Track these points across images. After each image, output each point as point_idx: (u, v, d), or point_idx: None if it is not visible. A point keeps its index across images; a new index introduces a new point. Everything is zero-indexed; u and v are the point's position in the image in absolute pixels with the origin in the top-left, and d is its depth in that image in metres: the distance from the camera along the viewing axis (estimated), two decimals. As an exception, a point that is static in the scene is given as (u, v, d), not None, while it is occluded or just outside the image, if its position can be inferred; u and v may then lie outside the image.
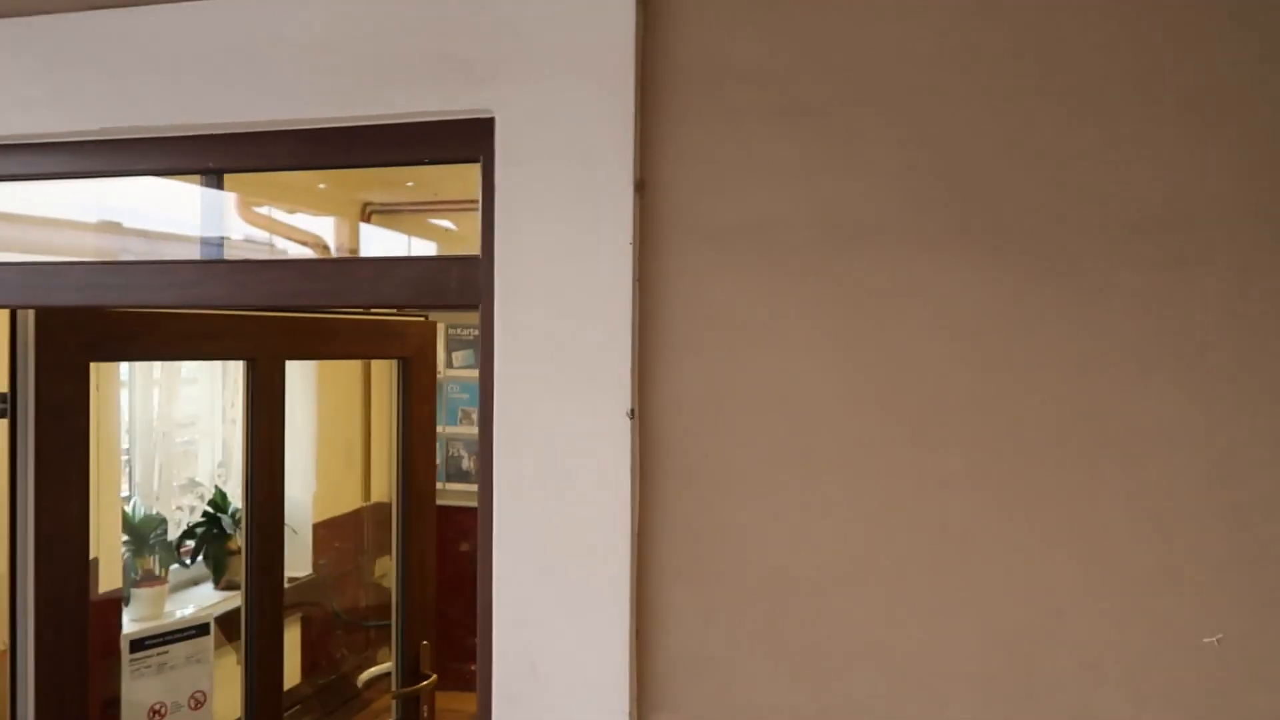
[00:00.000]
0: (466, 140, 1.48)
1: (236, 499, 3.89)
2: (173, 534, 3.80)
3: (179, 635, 2.37)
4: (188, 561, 3.84)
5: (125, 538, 3.48)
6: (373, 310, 2.62)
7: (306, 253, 3.94)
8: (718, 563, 1.38)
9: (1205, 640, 1.25)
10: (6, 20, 1.61)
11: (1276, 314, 1.22)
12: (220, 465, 4.20)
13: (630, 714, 1.37)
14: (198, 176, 2.37)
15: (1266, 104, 1.22)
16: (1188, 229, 1.24)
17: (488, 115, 1.44)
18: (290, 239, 3.82)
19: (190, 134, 1.60)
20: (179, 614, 3.47)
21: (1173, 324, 1.25)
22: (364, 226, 4.35)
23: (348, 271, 1.59)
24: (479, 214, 1.49)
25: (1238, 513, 1.24)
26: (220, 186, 1.78)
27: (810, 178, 1.35)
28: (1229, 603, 1.24)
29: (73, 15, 1.59)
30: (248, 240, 3.37)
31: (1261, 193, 1.22)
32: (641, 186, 1.40)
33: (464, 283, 1.52)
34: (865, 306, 1.34)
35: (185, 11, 1.55)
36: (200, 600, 3.73)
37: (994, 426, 1.30)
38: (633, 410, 1.38)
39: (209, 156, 1.61)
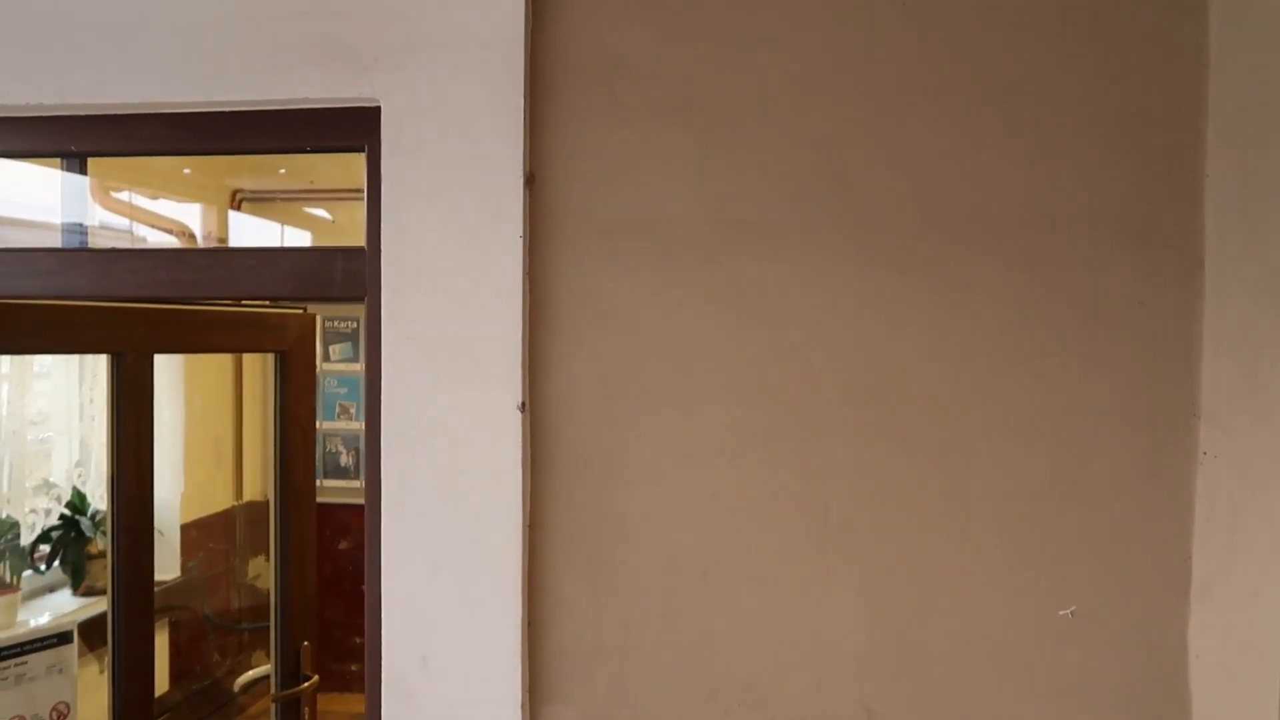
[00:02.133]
0: (351, 129, 1.45)
1: (96, 500, 3.69)
2: (26, 538, 3.56)
3: (38, 645, 2.23)
4: (42, 567, 3.61)
5: (-30, 544, 3.25)
6: (244, 302, 2.52)
7: (171, 241, 3.75)
8: (610, 553, 1.40)
9: (1061, 613, 1.34)
10: None
11: (1122, 310, 1.33)
12: (78, 465, 3.96)
13: (523, 705, 1.38)
14: (56, 159, 2.24)
15: (1122, 118, 1.32)
16: (1046, 230, 1.33)
17: (373, 104, 1.42)
18: (154, 226, 3.64)
19: (51, 114, 1.51)
20: (32, 623, 3.26)
21: (1031, 319, 1.34)
22: (233, 214, 4.18)
23: (226, 262, 1.53)
24: (364, 204, 1.46)
25: (1089, 495, 1.34)
26: (83, 171, 1.68)
27: (699, 175, 1.39)
28: (1082, 578, 1.34)
29: (-84, -17, 1.48)
30: (104, 227, 3.18)
31: (1114, 199, 1.32)
32: (532, 180, 1.40)
33: (350, 274, 1.49)
34: (752, 300, 1.38)
35: (44, -16, 1.46)
36: (56, 608, 3.52)
37: (873, 417, 1.36)
38: (523, 403, 1.38)
39: (72, 139, 1.53)
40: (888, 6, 1.36)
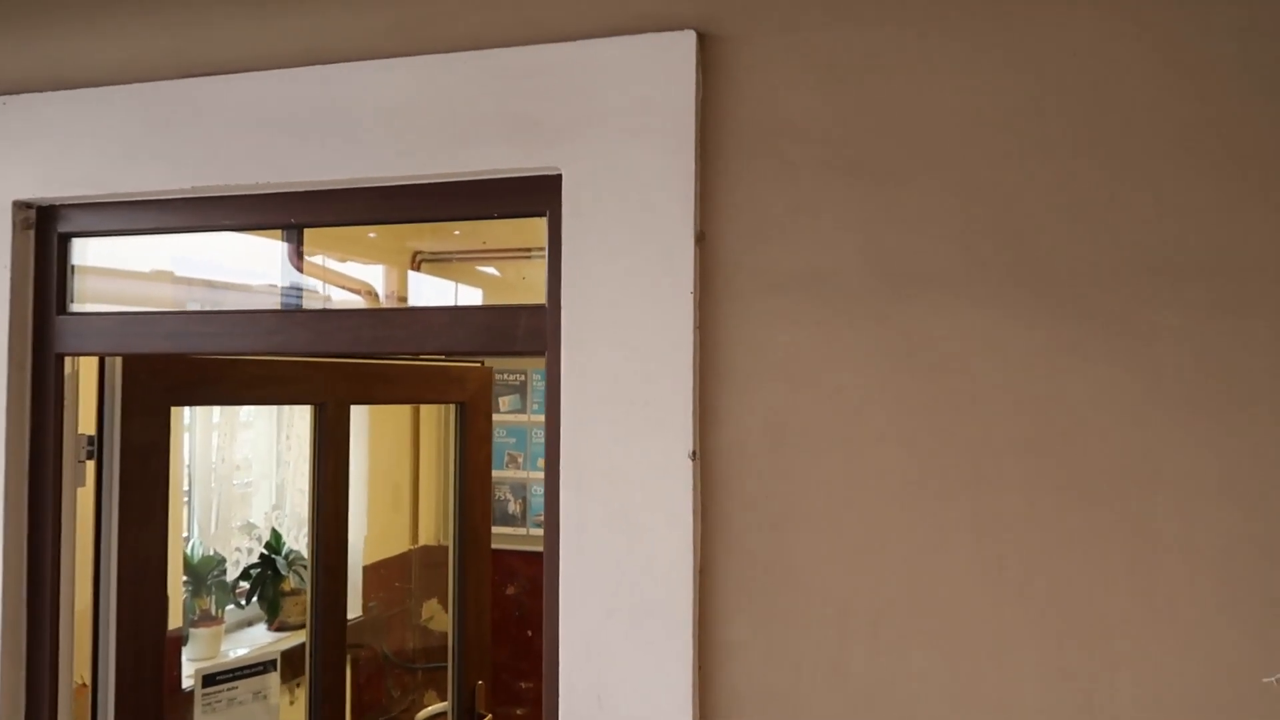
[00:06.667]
0: (535, 196, 1.57)
1: (290, 541, 3.97)
2: (230, 575, 3.88)
3: (246, 672, 2.44)
4: (243, 602, 3.91)
5: (184, 578, 3.57)
6: (421, 356, 2.69)
7: (357, 300, 4.05)
8: (779, 599, 1.42)
9: (1265, 680, 1.26)
10: (113, 87, 1.73)
11: (1325, 359, 1.26)
12: (275, 507, 4.29)
13: (694, 748, 1.41)
14: (270, 230, 2.48)
15: (1308, 157, 1.27)
16: (1234, 277, 1.29)
17: (555, 172, 1.53)
18: (342, 287, 3.94)
19: (274, 191, 1.70)
20: (232, 654, 3.53)
21: (1219, 368, 1.29)
22: (413, 274, 4.46)
23: (422, 319, 1.67)
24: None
25: (1292, 553, 1.26)
26: (300, 241, 1.88)
27: (864, 230, 1.42)
28: (1286, 643, 1.26)
29: (172, 82, 1.71)
30: (294, 287, 3.49)
31: (1306, 242, 1.26)
32: (702, 238, 1.47)
33: (531, 330, 1.59)
34: (920, 352, 1.39)
35: (272, 78, 1.66)
36: (252, 640, 3.80)
37: (1049, 469, 1.34)
38: (694, 451, 1.43)
39: (292, 212, 1.71)
40: (1057, 57, 1.36)
